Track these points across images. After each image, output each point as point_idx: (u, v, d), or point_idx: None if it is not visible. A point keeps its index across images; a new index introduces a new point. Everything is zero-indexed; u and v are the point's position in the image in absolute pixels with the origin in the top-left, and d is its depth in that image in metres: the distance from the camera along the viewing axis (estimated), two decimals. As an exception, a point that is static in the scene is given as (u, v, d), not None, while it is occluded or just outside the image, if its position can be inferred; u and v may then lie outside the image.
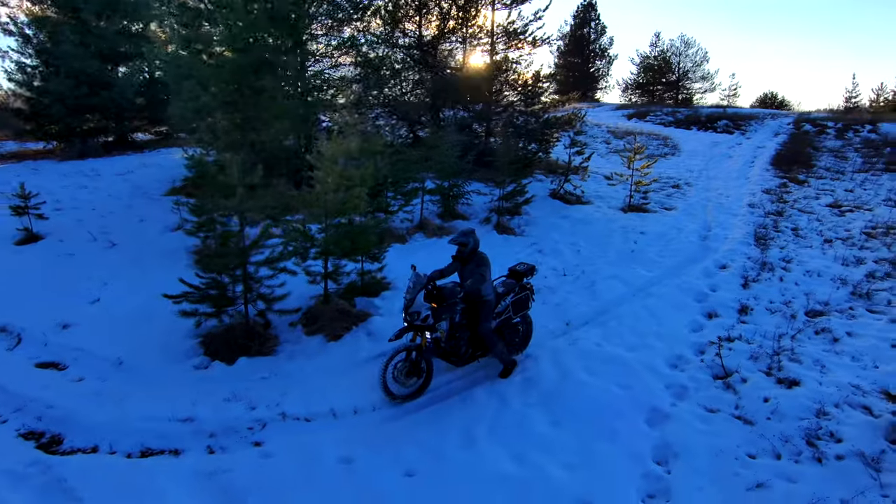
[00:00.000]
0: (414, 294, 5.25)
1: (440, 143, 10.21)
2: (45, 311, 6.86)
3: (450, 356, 5.58)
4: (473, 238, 5.54)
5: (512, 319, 5.94)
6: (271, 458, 4.54)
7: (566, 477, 4.30)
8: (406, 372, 5.28)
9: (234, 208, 6.16)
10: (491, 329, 5.59)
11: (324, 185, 6.61)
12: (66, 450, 4.73)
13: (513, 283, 6.05)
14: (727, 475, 4.30)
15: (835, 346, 5.99)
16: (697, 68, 41.98)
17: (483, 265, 5.44)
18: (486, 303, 5.52)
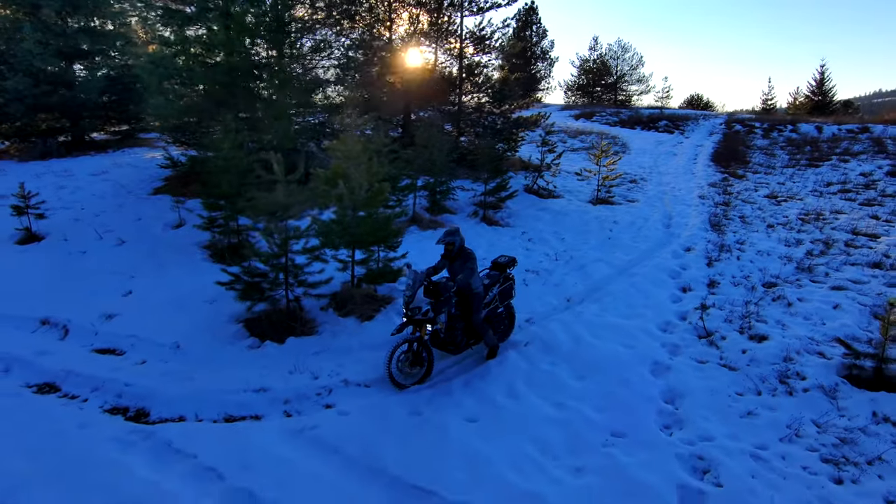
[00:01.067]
0: (414, 290, 5.69)
1: (430, 143, 11.00)
2: (81, 303, 7.16)
3: (447, 345, 6.07)
4: (459, 237, 6.06)
5: (498, 308, 6.51)
6: (348, 416, 5.23)
7: (599, 417, 5.25)
8: (410, 362, 5.77)
9: (280, 203, 6.70)
10: (482, 319, 6.16)
11: (354, 180, 7.27)
12: (155, 420, 5.22)
13: (497, 274, 6.60)
14: (723, 408, 5.38)
15: (790, 310, 7.28)
16: (634, 71, 44.36)
17: (470, 260, 5.96)
18: (477, 295, 6.04)
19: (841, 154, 17.39)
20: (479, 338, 6.26)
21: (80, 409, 5.31)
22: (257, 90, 11.79)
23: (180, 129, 13.48)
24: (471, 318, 6.05)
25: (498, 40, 15.72)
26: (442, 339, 6.00)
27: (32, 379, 5.75)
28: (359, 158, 7.42)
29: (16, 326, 6.76)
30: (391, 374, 5.65)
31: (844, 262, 8.70)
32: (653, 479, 4.45)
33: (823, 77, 38.03)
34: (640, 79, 44.33)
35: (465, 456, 4.69)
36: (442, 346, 6.07)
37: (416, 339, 5.75)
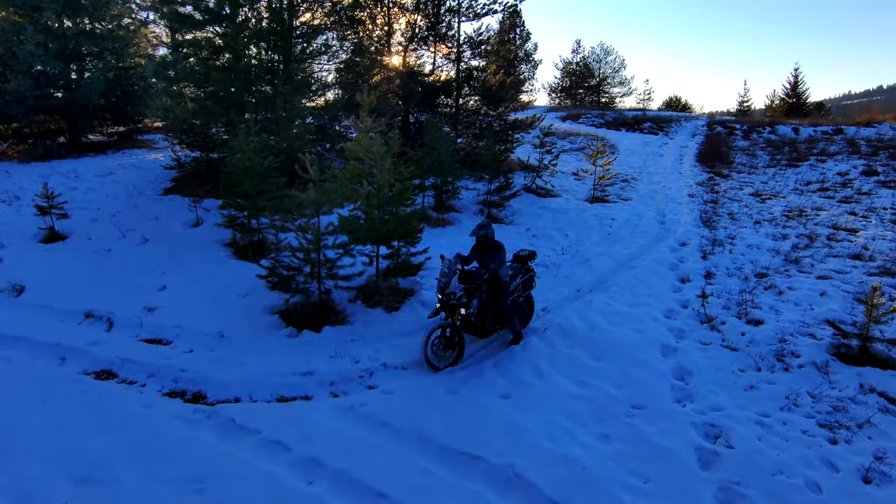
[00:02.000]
0: (449, 278, 6.18)
1: (438, 145, 11.50)
2: (120, 298, 7.51)
3: (477, 329, 6.55)
4: (491, 230, 6.62)
5: (520, 297, 7.02)
6: (392, 395, 5.71)
7: (619, 393, 5.81)
8: (444, 346, 6.27)
9: (313, 200, 7.14)
10: (508, 305, 6.68)
11: (381, 179, 7.74)
12: (213, 401, 5.64)
13: (519, 266, 7.16)
14: (728, 383, 5.99)
15: (781, 297, 7.95)
16: (616, 74, 45.26)
17: (502, 251, 6.52)
18: (504, 283, 6.56)
19: (818, 155, 18.33)
20: (504, 323, 6.77)
21: (140, 392, 5.70)
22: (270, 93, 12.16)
23: (187, 131, 13.75)
24: (499, 305, 6.56)
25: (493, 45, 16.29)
26: (473, 324, 6.47)
27: (89, 367, 6.11)
28: (384, 160, 7.89)
29: (61, 319, 7.09)
30: (427, 357, 6.15)
31: (828, 255, 9.43)
32: (673, 443, 5.02)
33: (797, 80, 39.37)
34: (623, 81, 45.22)
35: (503, 427, 5.20)
36: (472, 330, 6.55)
37: (450, 324, 6.24)
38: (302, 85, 11.36)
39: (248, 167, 9.13)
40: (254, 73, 12.14)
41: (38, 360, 6.17)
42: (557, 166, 14.48)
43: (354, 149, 8.52)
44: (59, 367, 6.08)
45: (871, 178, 14.67)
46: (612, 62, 44.90)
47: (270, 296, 7.81)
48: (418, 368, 6.25)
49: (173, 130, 13.44)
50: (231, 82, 11.17)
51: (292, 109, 11.27)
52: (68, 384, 5.69)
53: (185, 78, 12.62)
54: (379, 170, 7.92)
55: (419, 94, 16.36)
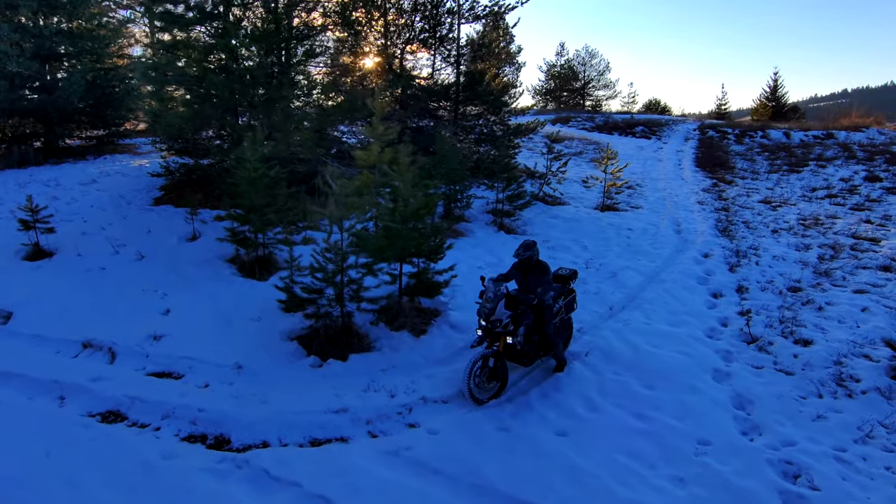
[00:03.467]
0: (495, 303, 5.68)
1: (448, 152, 11.00)
2: (121, 324, 6.84)
3: (521, 358, 6.02)
4: (536, 250, 6.12)
5: (563, 320, 6.55)
6: (438, 435, 5.19)
7: (681, 426, 5.38)
8: (488, 377, 5.75)
9: (331, 215, 6.57)
10: (550, 321, 6.10)
11: (404, 191, 7.21)
12: (239, 447, 5.04)
13: (560, 286, 6.58)
14: (793, 412, 5.61)
15: (822, 314, 7.65)
16: (601, 77, 45.33)
17: (548, 273, 6.03)
18: (549, 307, 6.04)
19: (817, 160, 18.32)
20: (548, 349, 6.27)
21: (156, 438, 5.07)
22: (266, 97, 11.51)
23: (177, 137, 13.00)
24: (543, 330, 6.07)
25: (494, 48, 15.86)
26: (517, 352, 5.96)
27: (94, 407, 5.45)
28: (407, 171, 7.36)
29: (56, 350, 6.40)
30: (470, 390, 5.60)
31: (856, 266, 9.19)
32: (752, 485, 4.61)
33: (777, 84, 39.86)
34: (607, 84, 45.37)
35: (566, 470, 4.73)
36: (516, 358, 6.03)
37: (493, 353, 5.73)
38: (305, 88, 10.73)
39: (255, 178, 8.51)
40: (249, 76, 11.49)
41: (33, 400, 5.50)
42: (566, 173, 14.08)
43: (368, 158, 8.00)
44: (60, 409, 5.42)
45: (875, 185, 14.62)
46: (596, 65, 44.88)
47: (285, 319, 7.22)
48: (460, 401, 5.74)
49: (163, 135, 12.67)
50: (227, 85, 10.49)
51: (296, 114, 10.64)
52: (73, 429, 5.04)
53: (176, 80, 11.89)
54: (402, 181, 7.40)
55: (419, 99, 15.84)
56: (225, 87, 10.89)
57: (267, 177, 8.64)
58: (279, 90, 11.02)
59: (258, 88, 11.38)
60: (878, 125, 24.99)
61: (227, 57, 11.59)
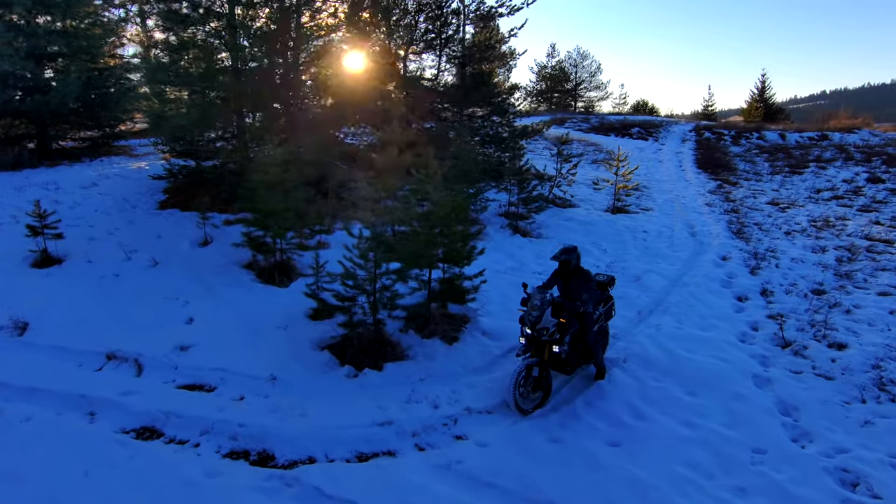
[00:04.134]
0: (542, 311, 5.56)
1: (463, 155, 10.87)
2: (144, 334, 6.60)
3: (564, 366, 5.89)
4: (576, 255, 6.00)
5: (602, 327, 6.43)
6: (489, 447, 5.05)
7: (732, 434, 5.30)
8: (532, 387, 5.65)
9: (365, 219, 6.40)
10: (592, 328, 5.99)
11: (434, 195, 7.07)
12: (284, 463, 4.86)
13: (598, 293, 6.35)
14: (840, 418, 5.57)
15: (851, 317, 7.64)
16: (592, 78, 45.52)
17: (591, 280, 5.96)
18: (590, 315, 5.93)
19: (816, 161, 18.49)
20: (588, 358, 6.15)
21: (196, 455, 4.87)
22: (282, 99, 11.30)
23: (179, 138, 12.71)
24: (586, 338, 5.96)
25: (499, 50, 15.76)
26: (561, 360, 5.82)
27: (127, 423, 5.23)
28: (436, 176, 7.23)
29: (78, 363, 6.14)
30: (516, 401, 5.46)
31: (875, 269, 9.23)
32: (813, 495, 4.55)
33: (765, 85, 40.40)
34: (598, 85, 45.62)
35: (626, 483, 4.63)
36: (559, 367, 5.91)
37: (538, 362, 5.63)
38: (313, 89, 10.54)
39: (274, 182, 8.29)
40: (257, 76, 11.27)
41: (62, 416, 5.26)
42: (576, 175, 14.03)
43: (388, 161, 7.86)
44: (91, 425, 5.18)
45: (879, 186, 14.78)
46: (588, 66, 45.10)
47: (313, 327, 7.04)
48: (504, 412, 5.60)
49: (168, 137, 12.36)
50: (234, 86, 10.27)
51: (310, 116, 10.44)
52: (110, 447, 4.82)
53: (183, 81, 11.62)
54: (433, 184, 7.26)
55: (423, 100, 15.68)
56: (233, 88, 10.66)
57: (286, 180, 8.43)
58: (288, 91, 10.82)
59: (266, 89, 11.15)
60: (867, 126, 25.35)
61: (234, 57, 11.36)
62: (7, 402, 5.38)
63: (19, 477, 4.40)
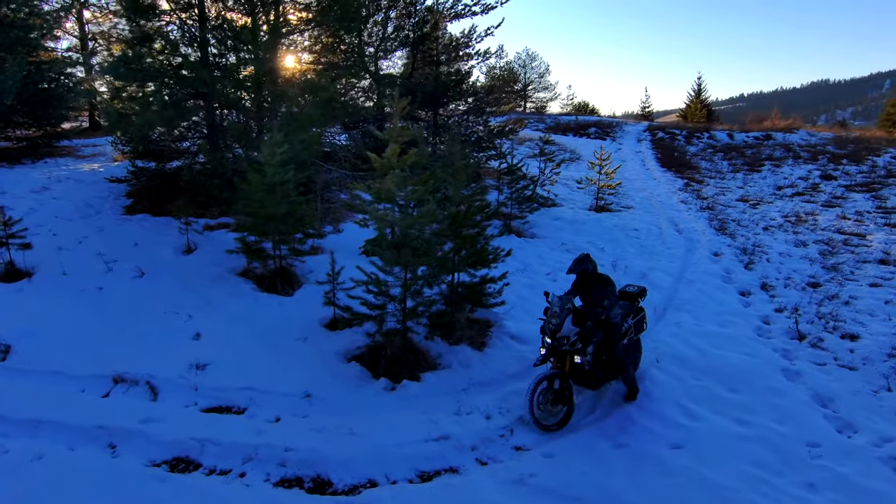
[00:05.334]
0: (562, 319, 5.30)
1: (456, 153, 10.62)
2: (151, 353, 5.97)
3: (589, 380, 5.59)
4: (592, 263, 5.66)
5: (632, 340, 6.06)
6: (555, 458, 4.85)
7: (784, 429, 5.35)
8: (552, 400, 5.29)
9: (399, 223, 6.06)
10: (622, 351, 5.66)
11: (456, 196, 6.81)
12: (345, 489, 4.48)
13: (627, 304, 6.14)
14: (874, 407, 5.74)
15: (852, 308, 7.97)
16: (541, 79, 46.24)
17: (611, 285, 5.58)
18: (616, 325, 5.58)
19: (769, 159, 19.49)
20: (616, 372, 5.78)
21: (245, 486, 4.40)
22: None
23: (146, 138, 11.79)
24: (611, 351, 5.60)
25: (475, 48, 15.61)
26: (585, 373, 5.51)
27: (156, 455, 4.67)
28: (459, 176, 6.97)
29: (80, 389, 5.46)
30: (535, 418, 5.14)
31: (857, 261, 9.73)
32: (879, 485, 4.63)
33: (700, 87, 42.33)
34: (547, 86, 46.43)
35: (701, 485, 4.56)
36: (583, 380, 5.58)
37: (559, 373, 5.27)
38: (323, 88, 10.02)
39: (274, 184, 7.77)
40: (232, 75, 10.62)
41: (76, 451, 4.64)
42: (560, 174, 14.08)
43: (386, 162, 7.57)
44: (115, 459, 4.60)
45: (833, 183, 15.71)
46: (537, 67, 45.71)
47: (334, 338, 6.63)
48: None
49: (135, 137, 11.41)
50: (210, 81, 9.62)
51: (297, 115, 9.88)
52: (146, 484, 4.27)
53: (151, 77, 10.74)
54: (453, 187, 7.00)
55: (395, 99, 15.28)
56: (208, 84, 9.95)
57: (286, 182, 7.93)
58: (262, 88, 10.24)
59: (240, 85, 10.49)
60: (800, 127, 27.02)
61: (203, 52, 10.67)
62: (8, 437, 4.70)
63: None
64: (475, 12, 15.51)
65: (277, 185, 7.83)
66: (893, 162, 17.76)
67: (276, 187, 7.83)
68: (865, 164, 17.63)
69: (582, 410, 5.63)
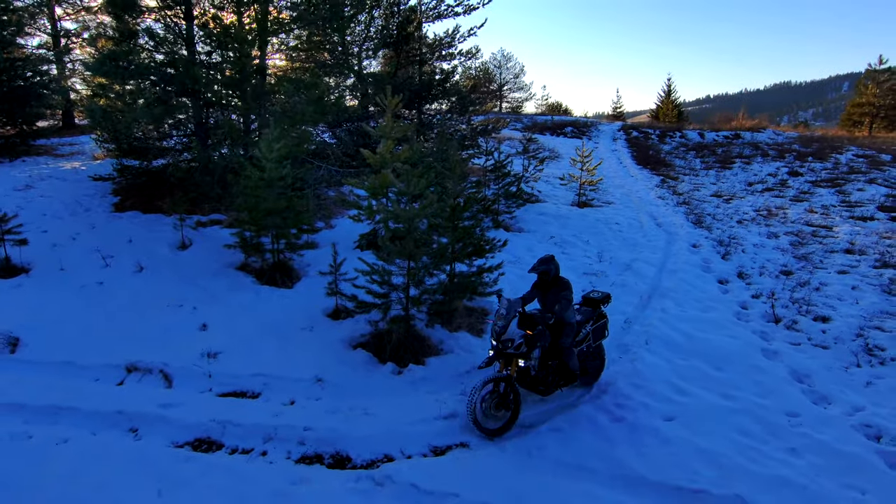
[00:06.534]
0: (507, 321, 5.23)
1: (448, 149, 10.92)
2: (161, 343, 6.11)
3: (538, 385, 5.49)
4: (554, 265, 5.62)
5: (591, 347, 6.02)
6: (562, 432, 5.16)
7: (766, 402, 5.77)
8: (496, 404, 5.18)
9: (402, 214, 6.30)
10: (569, 345, 5.59)
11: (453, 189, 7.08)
12: (363, 464, 4.72)
13: (589, 310, 6.10)
14: (846, 381, 6.22)
15: (822, 294, 8.51)
16: (516, 80, 46.75)
17: (567, 289, 5.52)
18: (570, 325, 5.56)
19: (739, 157, 20.27)
20: (569, 380, 5.72)
21: (269, 463, 4.60)
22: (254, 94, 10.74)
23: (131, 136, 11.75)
24: (562, 355, 5.56)
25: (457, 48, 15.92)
26: (532, 378, 5.45)
27: (178, 436, 4.83)
28: (455, 170, 7.25)
29: (94, 378, 5.57)
30: (476, 420, 5.08)
31: (825, 251, 10.33)
32: (853, 449, 5.06)
33: (671, 89, 43.42)
34: (522, 87, 46.97)
35: (697, 453, 4.92)
36: (531, 385, 5.48)
37: (505, 377, 5.17)
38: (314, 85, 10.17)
39: (273, 179, 7.93)
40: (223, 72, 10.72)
41: (100, 436, 4.77)
42: (543, 171, 14.46)
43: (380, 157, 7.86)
44: (139, 442, 4.74)
45: (799, 179, 16.47)
46: (512, 68, 46.18)
47: (337, 327, 6.84)
48: (559, 400, 5.75)
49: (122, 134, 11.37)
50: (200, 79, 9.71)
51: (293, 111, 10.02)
52: (174, 463, 4.44)
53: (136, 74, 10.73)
54: (451, 181, 7.27)
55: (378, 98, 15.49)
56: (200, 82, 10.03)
57: (284, 177, 8.09)
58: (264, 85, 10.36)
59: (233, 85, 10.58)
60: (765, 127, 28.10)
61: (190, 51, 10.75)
62: (30, 424, 4.81)
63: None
64: (457, 13, 15.79)
65: (276, 181, 7.99)
66: (855, 159, 18.68)
67: (275, 182, 7.99)
68: (829, 161, 18.51)
69: (578, 389, 5.98)
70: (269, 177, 7.91)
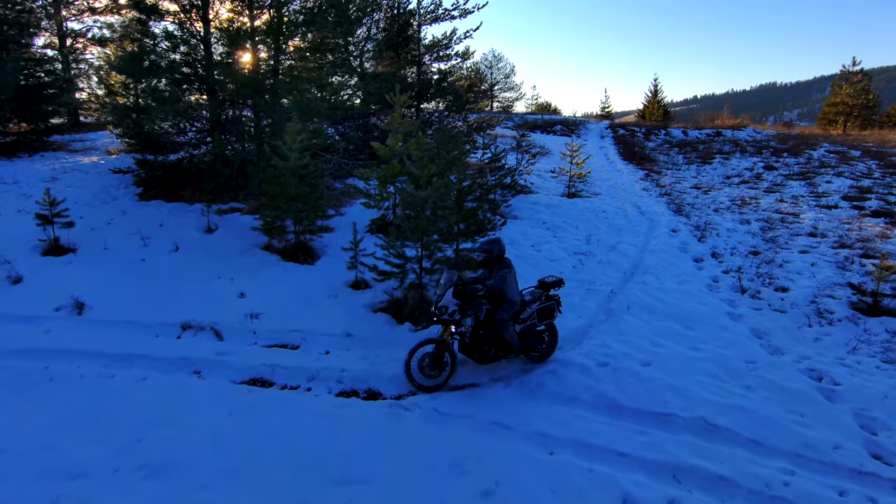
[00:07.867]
0: (444, 290, 5.78)
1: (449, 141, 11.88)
2: (207, 307, 7.02)
3: (473, 353, 6.06)
4: (498, 246, 6.22)
5: (536, 327, 6.42)
6: (557, 374, 6.15)
7: (729, 352, 6.80)
8: (430, 364, 5.76)
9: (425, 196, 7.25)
10: (505, 318, 6.01)
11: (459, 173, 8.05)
12: (393, 396, 5.67)
13: (540, 293, 6.56)
14: (798, 337, 7.28)
15: (784, 269, 9.58)
16: (507, 80, 47.78)
17: (505, 268, 6.09)
18: (510, 301, 6.08)
19: (719, 153, 21.44)
20: (507, 351, 6.23)
21: (315, 396, 5.55)
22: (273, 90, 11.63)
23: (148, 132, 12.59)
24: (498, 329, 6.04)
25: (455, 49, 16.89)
26: (468, 346, 6.07)
27: (235, 377, 5.76)
28: (461, 159, 8.21)
29: (155, 334, 6.48)
30: (410, 374, 5.72)
31: (791, 234, 11.42)
32: (798, 386, 6.08)
33: (657, 89, 44.65)
34: (513, 86, 48.02)
35: (669, 389, 5.91)
36: (469, 352, 6.12)
37: (441, 341, 5.75)
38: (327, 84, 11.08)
39: (297, 168, 8.85)
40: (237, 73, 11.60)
41: (171, 376, 5.68)
42: (535, 164, 15.47)
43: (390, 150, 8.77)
44: (203, 381, 5.66)
45: (773, 172, 17.64)
46: (503, 68, 47.24)
47: (359, 295, 7.78)
48: (557, 352, 6.72)
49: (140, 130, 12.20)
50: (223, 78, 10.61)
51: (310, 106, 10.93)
52: (238, 395, 5.38)
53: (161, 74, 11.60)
54: (458, 169, 8.23)
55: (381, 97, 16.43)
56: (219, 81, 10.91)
57: (306, 166, 9.01)
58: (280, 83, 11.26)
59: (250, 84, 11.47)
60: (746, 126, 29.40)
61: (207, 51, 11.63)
62: (110, 367, 5.71)
63: (171, 421, 4.88)
64: (454, 16, 16.76)
65: (300, 169, 8.91)
66: (827, 155, 19.90)
67: (299, 170, 8.91)
68: (803, 156, 19.72)
69: (568, 343, 6.98)
70: (294, 165, 8.83)
